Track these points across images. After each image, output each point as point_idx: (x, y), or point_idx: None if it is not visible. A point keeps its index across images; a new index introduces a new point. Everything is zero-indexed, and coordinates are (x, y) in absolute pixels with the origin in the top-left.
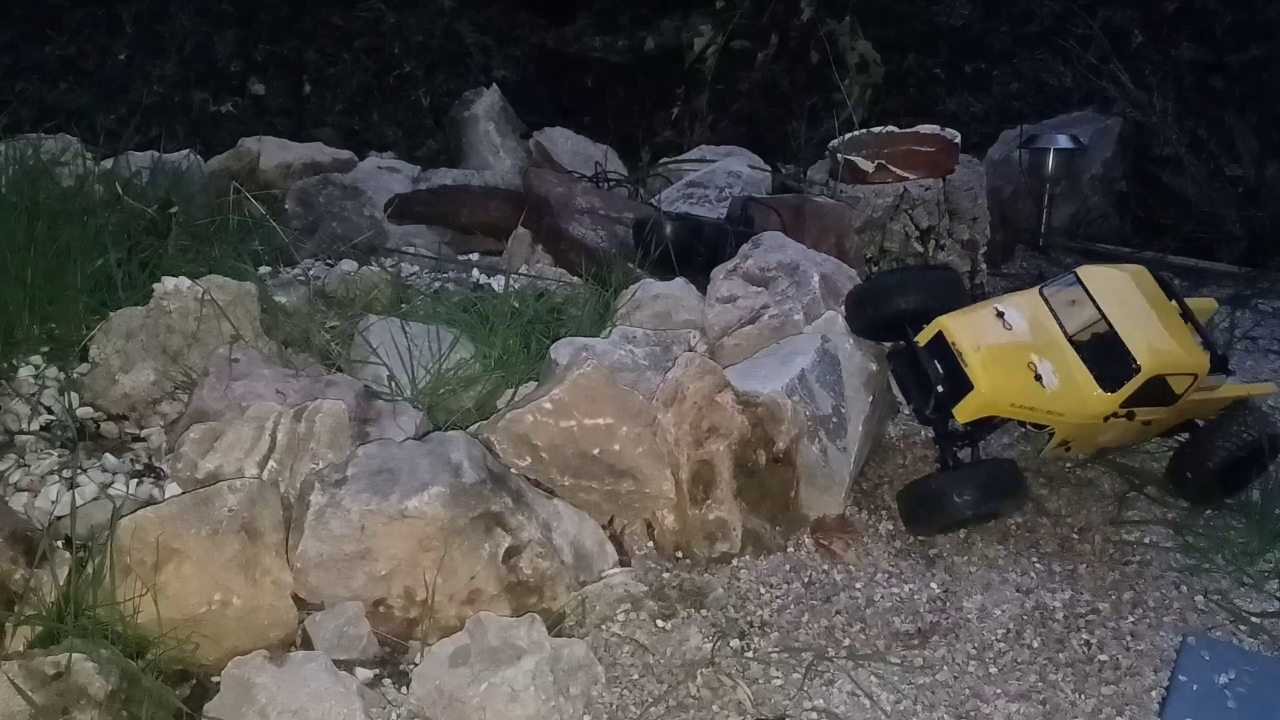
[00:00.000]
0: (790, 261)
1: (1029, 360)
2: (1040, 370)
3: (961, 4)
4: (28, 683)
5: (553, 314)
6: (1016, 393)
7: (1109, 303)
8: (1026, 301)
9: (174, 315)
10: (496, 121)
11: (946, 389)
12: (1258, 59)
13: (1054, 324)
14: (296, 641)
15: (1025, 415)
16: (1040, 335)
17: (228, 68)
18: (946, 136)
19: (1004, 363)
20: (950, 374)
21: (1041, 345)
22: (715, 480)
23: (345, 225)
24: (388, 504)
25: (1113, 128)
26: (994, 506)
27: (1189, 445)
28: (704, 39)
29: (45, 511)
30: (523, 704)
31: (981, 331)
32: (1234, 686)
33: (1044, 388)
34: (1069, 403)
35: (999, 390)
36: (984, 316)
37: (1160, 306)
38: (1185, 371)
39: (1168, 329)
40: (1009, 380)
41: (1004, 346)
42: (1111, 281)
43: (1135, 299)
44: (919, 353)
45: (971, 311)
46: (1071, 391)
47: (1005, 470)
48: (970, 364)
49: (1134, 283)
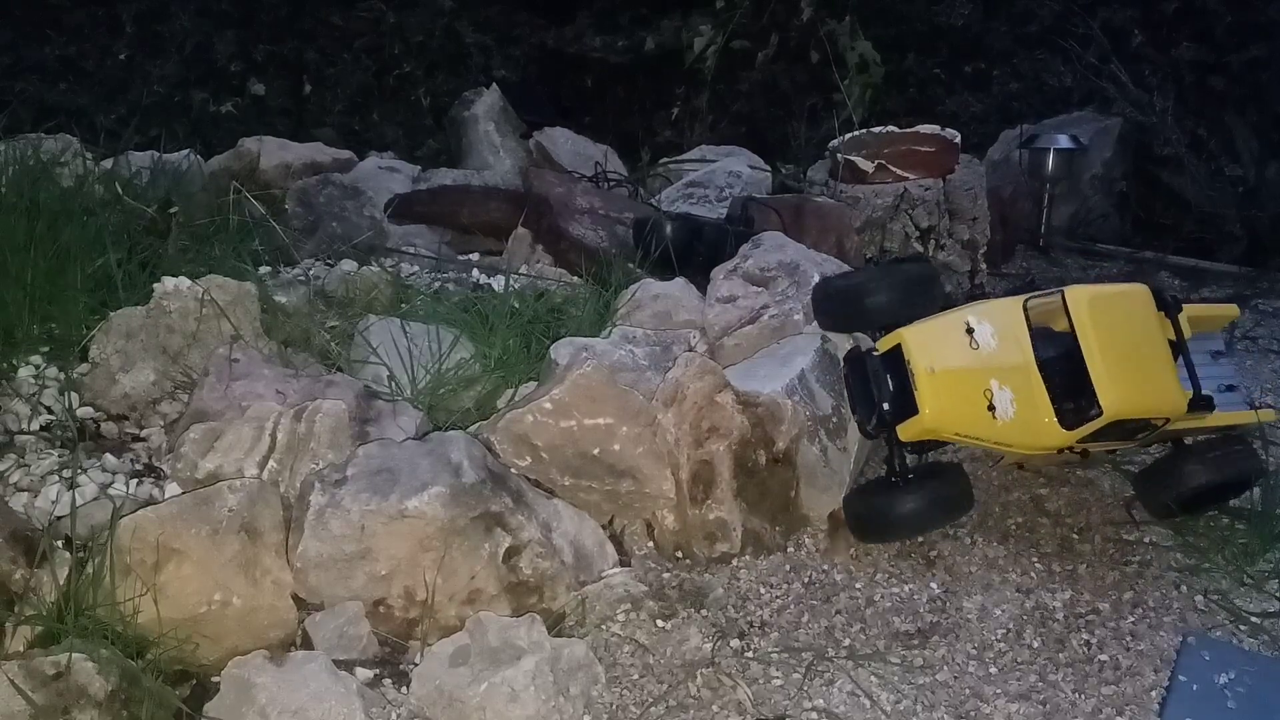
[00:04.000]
0: (790, 261)
1: (986, 387)
2: (997, 399)
3: (961, 4)
4: (28, 683)
5: (553, 314)
6: (963, 423)
7: (1089, 332)
8: (1004, 314)
9: (174, 315)
10: (496, 121)
11: (893, 407)
12: (1258, 59)
13: (1027, 343)
14: (296, 641)
15: (971, 443)
16: (1007, 357)
17: (228, 68)
18: (946, 136)
19: (957, 390)
20: (900, 390)
21: (1005, 370)
22: (715, 480)
23: (345, 225)
24: (388, 504)
25: (1113, 128)
26: (939, 523)
27: (1166, 462)
28: (704, 39)
29: (45, 511)
30: (523, 704)
31: (942, 350)
32: (1234, 686)
33: (995, 419)
34: (1020, 435)
35: (944, 419)
36: (950, 331)
37: (1148, 338)
38: (1154, 415)
39: (1148, 367)
40: (957, 409)
41: (962, 371)
42: (1099, 306)
43: (1122, 328)
44: (871, 363)
45: (939, 323)
46: (1026, 423)
47: (952, 483)
48: (920, 388)
49: (1126, 307)
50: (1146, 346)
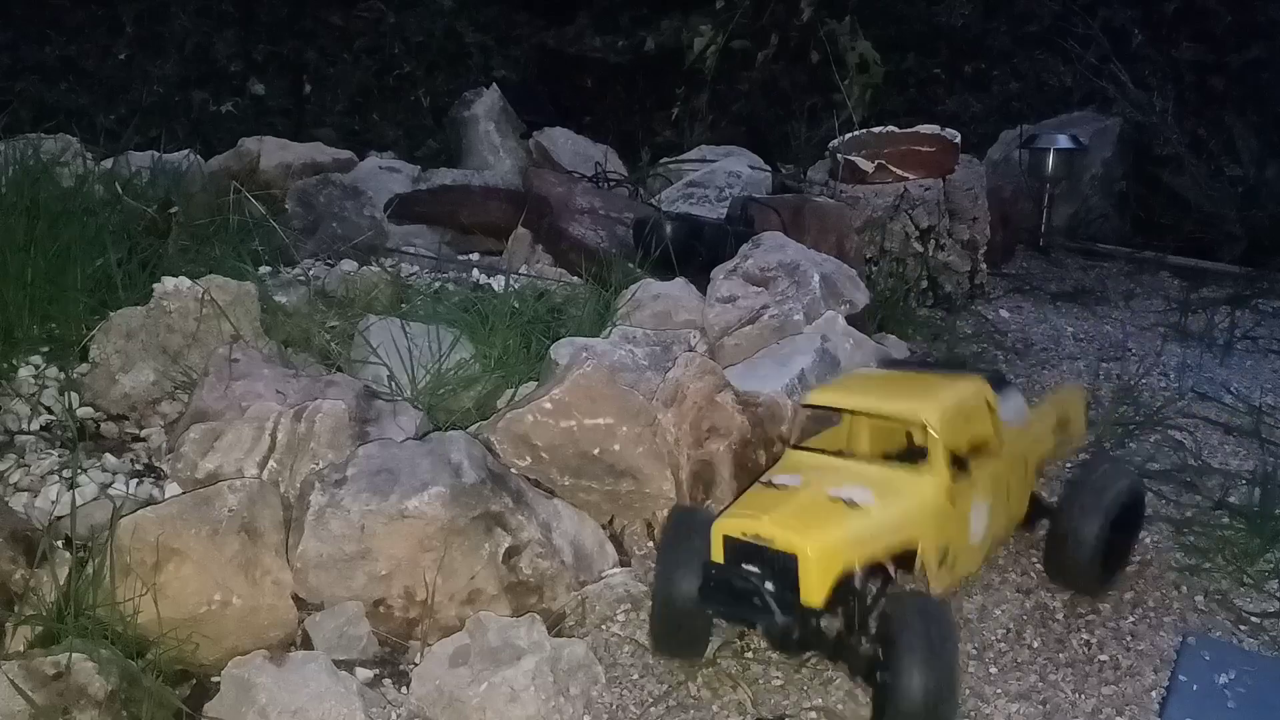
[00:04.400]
0: (790, 261)
1: (828, 495)
2: (851, 496)
3: (961, 4)
4: (28, 683)
5: (553, 314)
6: (847, 535)
7: (851, 398)
8: (789, 463)
9: (174, 315)
10: (496, 121)
11: (775, 581)
12: (1258, 59)
13: (831, 456)
14: (296, 641)
15: (878, 553)
16: (824, 473)
17: (228, 68)
18: (946, 136)
19: (808, 510)
20: (767, 567)
21: (832, 477)
22: (715, 480)
23: (345, 225)
24: (388, 504)
25: (1113, 128)
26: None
27: (1052, 536)
28: (704, 39)
29: (45, 511)
30: (523, 704)
31: (760, 504)
32: (1234, 686)
33: (871, 511)
34: (905, 511)
35: (828, 540)
36: (751, 494)
37: (895, 380)
38: (975, 406)
39: (915, 389)
40: (827, 525)
41: (795, 498)
42: (835, 390)
43: (873, 383)
44: (717, 572)
45: (737, 501)
46: (896, 497)
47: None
48: (772, 536)
49: (861, 375)
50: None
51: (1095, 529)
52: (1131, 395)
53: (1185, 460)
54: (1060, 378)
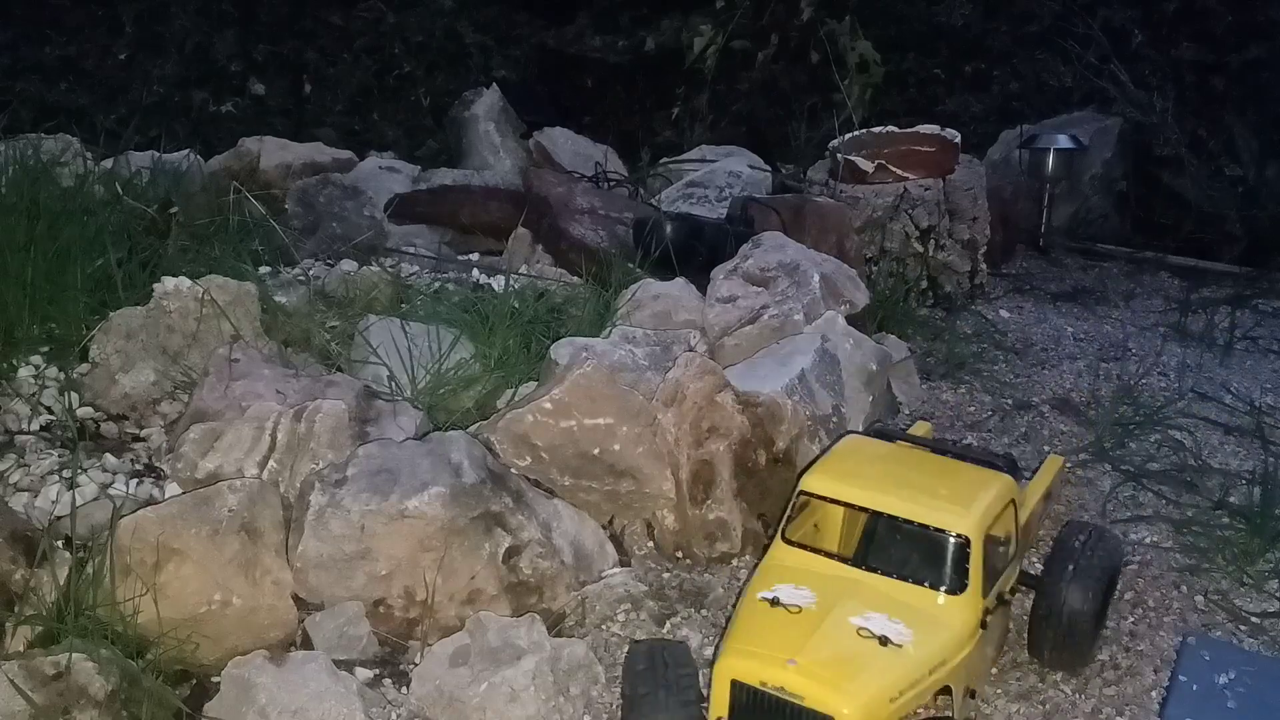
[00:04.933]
0: (790, 261)
1: (854, 628)
2: (884, 630)
3: (961, 4)
4: (28, 683)
5: (553, 314)
6: (887, 689)
7: (869, 494)
8: (787, 565)
9: (174, 315)
10: (496, 121)
11: None
12: (1258, 59)
13: (837, 563)
14: (296, 641)
15: (914, 701)
16: (837, 589)
17: (228, 68)
18: (946, 136)
19: (840, 656)
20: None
21: (849, 598)
22: (715, 480)
23: (345, 225)
24: (388, 504)
25: (1113, 128)
26: None
27: (1039, 613)
28: (704, 39)
29: (45, 511)
30: (523, 704)
31: (774, 639)
32: (1234, 686)
33: (908, 651)
34: (944, 648)
35: (868, 699)
36: (757, 617)
37: (906, 464)
38: (1004, 510)
39: (938, 483)
40: (865, 677)
41: (818, 634)
42: (844, 481)
43: (882, 466)
44: None
45: (740, 627)
46: (931, 630)
47: None
48: (802, 691)
49: (863, 452)
50: (917, 473)
51: (1090, 606)
52: (1131, 395)
53: (1185, 460)
54: (1060, 378)
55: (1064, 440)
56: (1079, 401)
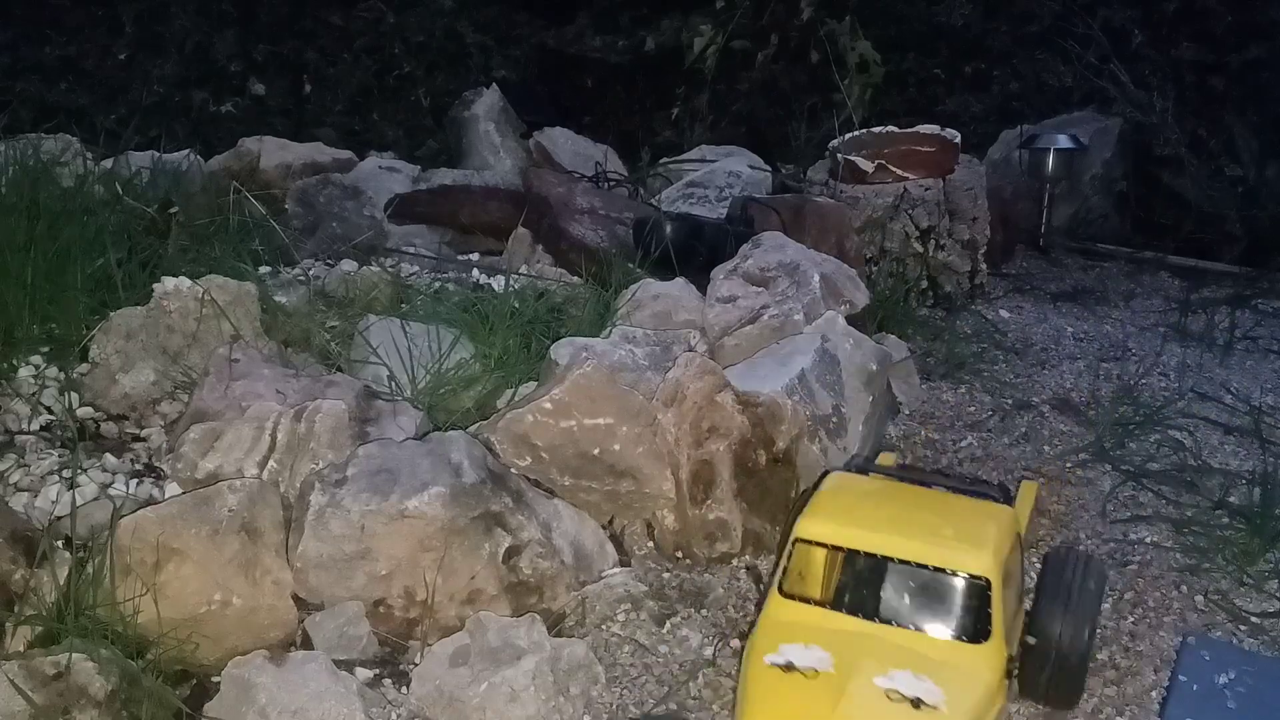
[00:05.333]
0: (790, 261)
1: (883, 692)
2: (914, 691)
3: (961, 4)
4: (28, 683)
5: (553, 314)
6: None
7: (873, 537)
8: (794, 623)
9: (174, 315)
10: (496, 121)
11: None
12: (1258, 59)
13: (842, 615)
14: (296, 641)
15: None
16: (853, 647)
17: (228, 68)
18: (946, 136)
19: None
20: None
21: (869, 657)
22: (715, 480)
23: (345, 225)
24: (388, 504)
25: (1113, 128)
26: None
27: (1033, 652)
28: (704, 39)
29: (45, 511)
30: (523, 704)
31: (796, 715)
32: (1234, 686)
33: (943, 714)
34: (975, 706)
35: None
36: (771, 688)
37: (899, 501)
38: (1012, 545)
39: (941, 521)
40: None
41: (849, 704)
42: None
43: (877, 506)
44: None
45: (754, 703)
46: (960, 686)
47: None
48: None
49: (854, 489)
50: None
51: (1088, 643)
52: (1131, 395)
53: (1185, 460)
54: (1060, 378)
55: (1064, 440)
56: (1079, 401)
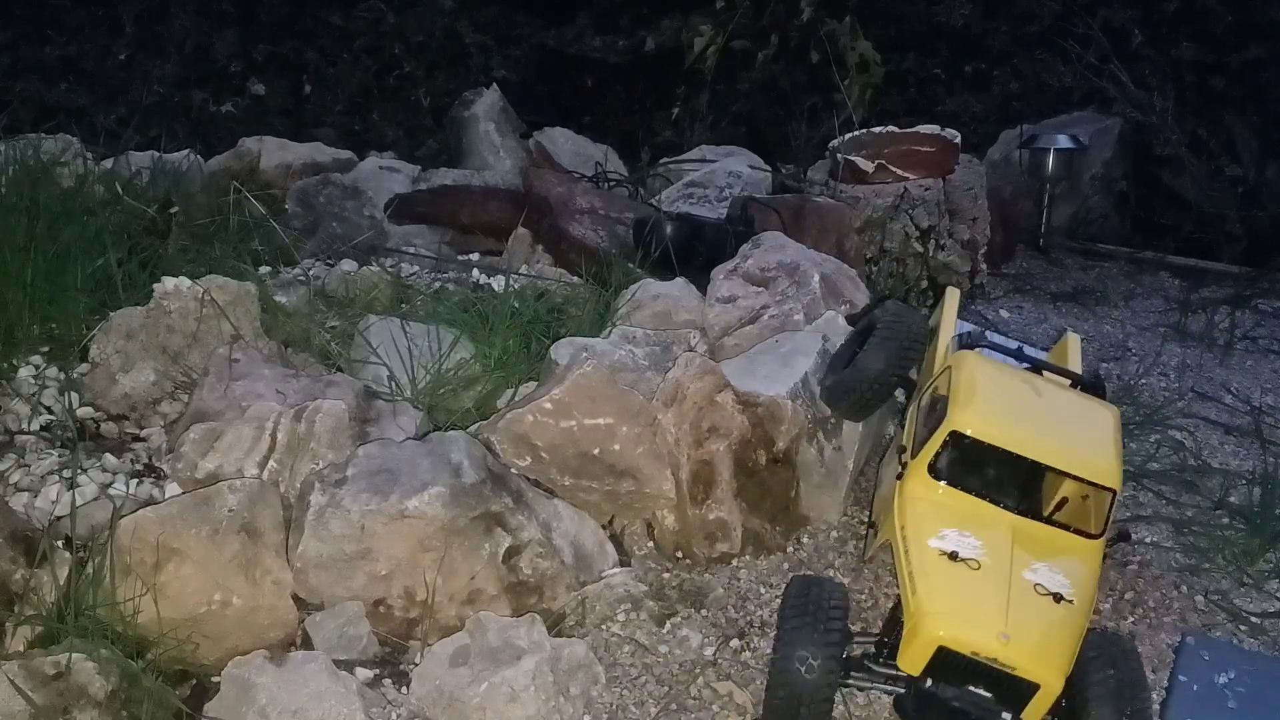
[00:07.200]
0: (790, 261)
1: (1032, 587)
2: (1054, 586)
3: (961, 4)
4: (28, 683)
5: (553, 314)
6: (1069, 652)
7: (1031, 444)
8: (949, 507)
9: (174, 315)
10: (496, 121)
11: (1003, 703)
12: (1258, 59)
13: (988, 504)
14: (296, 641)
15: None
16: (1002, 540)
17: (228, 68)
18: (946, 136)
19: (1038, 626)
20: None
21: (1019, 548)
22: (715, 480)
23: (345, 225)
24: (388, 504)
25: (1113, 128)
26: None
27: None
28: (704, 39)
29: (45, 511)
30: (523, 704)
31: (972, 605)
32: (1234, 686)
33: (1075, 606)
34: (1090, 592)
35: (1065, 666)
36: (944, 574)
37: (1032, 396)
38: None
39: (1073, 425)
40: (1058, 644)
41: (1012, 598)
42: (1000, 424)
43: (1015, 401)
44: (931, 687)
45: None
46: (1081, 579)
47: None
48: (1015, 664)
49: (994, 380)
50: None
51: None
52: (1131, 395)
53: (1185, 460)
54: None
55: None
56: None
